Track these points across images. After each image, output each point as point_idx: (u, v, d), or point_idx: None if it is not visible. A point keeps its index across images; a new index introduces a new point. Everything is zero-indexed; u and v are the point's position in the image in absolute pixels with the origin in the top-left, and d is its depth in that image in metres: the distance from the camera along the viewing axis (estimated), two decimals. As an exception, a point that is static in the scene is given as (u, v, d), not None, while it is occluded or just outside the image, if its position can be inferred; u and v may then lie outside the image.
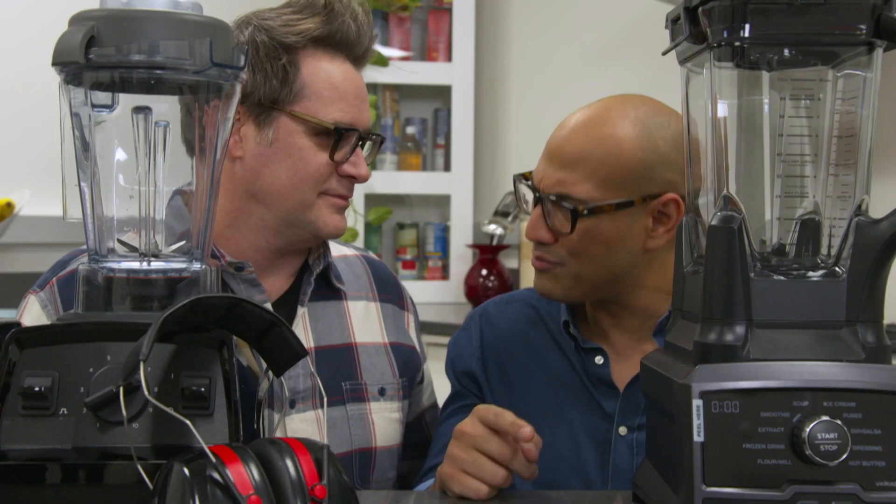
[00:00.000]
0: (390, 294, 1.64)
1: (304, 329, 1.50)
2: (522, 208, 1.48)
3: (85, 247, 1.48)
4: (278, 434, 1.43)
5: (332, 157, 1.44)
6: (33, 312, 1.44)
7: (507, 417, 1.21)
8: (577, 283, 1.41)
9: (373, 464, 1.51)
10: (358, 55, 1.49)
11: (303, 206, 1.45)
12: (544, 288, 1.45)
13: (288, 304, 1.51)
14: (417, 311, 1.71)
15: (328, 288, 1.55)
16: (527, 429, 1.20)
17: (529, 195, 1.45)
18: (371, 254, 1.71)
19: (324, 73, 1.45)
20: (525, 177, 1.46)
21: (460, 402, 1.54)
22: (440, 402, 1.64)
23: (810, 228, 1.05)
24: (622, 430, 1.41)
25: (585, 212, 1.37)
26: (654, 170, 1.37)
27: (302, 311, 1.50)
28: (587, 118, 1.40)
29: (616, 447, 1.41)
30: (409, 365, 1.60)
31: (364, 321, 1.57)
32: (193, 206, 1.15)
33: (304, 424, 1.46)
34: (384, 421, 1.54)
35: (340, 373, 1.51)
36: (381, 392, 1.54)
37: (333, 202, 1.47)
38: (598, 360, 1.45)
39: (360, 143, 1.48)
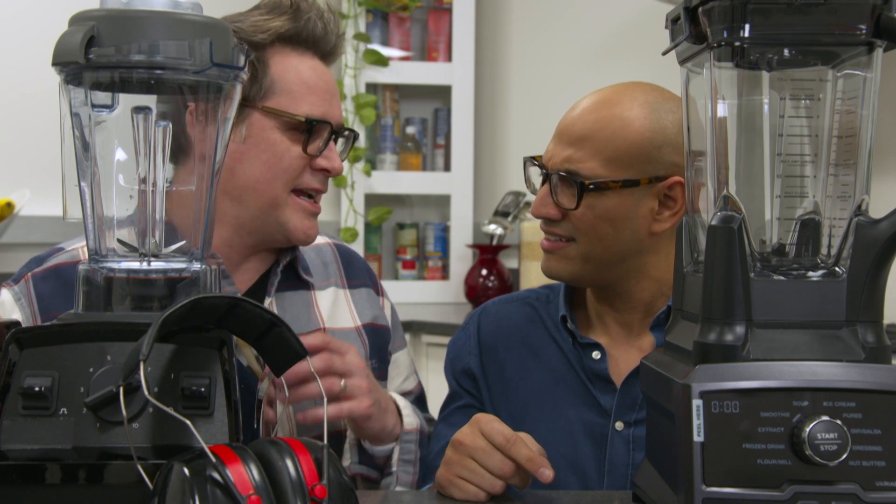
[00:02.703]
0: (363, 279, 1.66)
1: None
2: (529, 189, 1.49)
3: (62, 245, 1.51)
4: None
5: (306, 150, 1.46)
6: (5, 304, 1.46)
7: (522, 451, 1.22)
8: (584, 264, 1.42)
9: (343, 445, 1.52)
10: (326, 51, 1.52)
11: (274, 205, 1.47)
12: (551, 269, 1.45)
13: (256, 295, 1.53)
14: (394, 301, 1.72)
15: (296, 279, 1.57)
16: (549, 472, 1.21)
17: (537, 177, 1.47)
18: (342, 242, 1.73)
19: (293, 68, 1.48)
20: (535, 160, 1.47)
21: (457, 404, 1.54)
22: (438, 403, 1.64)
23: (810, 228, 1.05)
24: (618, 426, 1.41)
25: (591, 186, 1.38)
26: (660, 150, 1.39)
27: (269, 301, 1.52)
28: (597, 100, 1.43)
29: (612, 443, 1.41)
30: (381, 344, 1.62)
31: (333, 308, 1.59)
32: (194, 207, 1.15)
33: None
34: None
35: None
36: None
37: (304, 206, 1.49)
38: (596, 355, 1.45)
39: (334, 137, 1.50)
